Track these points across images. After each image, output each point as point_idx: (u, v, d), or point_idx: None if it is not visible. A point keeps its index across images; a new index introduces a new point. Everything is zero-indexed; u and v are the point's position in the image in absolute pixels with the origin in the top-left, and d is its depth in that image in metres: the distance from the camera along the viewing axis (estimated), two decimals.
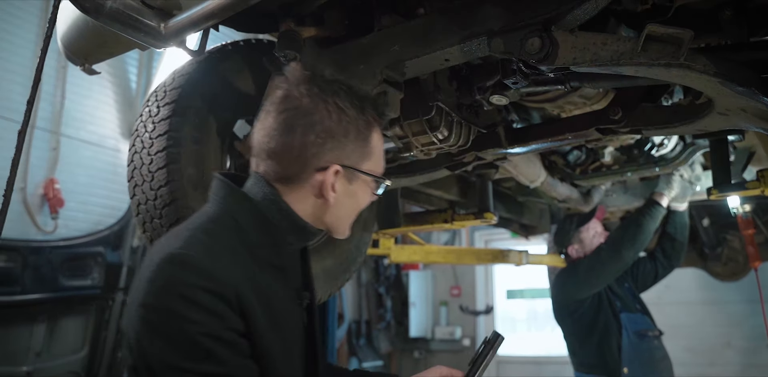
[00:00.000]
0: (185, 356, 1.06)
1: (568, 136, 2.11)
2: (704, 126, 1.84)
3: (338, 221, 1.34)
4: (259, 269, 1.22)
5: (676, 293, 6.74)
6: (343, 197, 1.29)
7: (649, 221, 3.19)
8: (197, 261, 1.13)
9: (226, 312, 1.11)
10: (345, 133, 1.25)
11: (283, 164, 1.25)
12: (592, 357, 3.28)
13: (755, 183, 2.35)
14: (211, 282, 1.11)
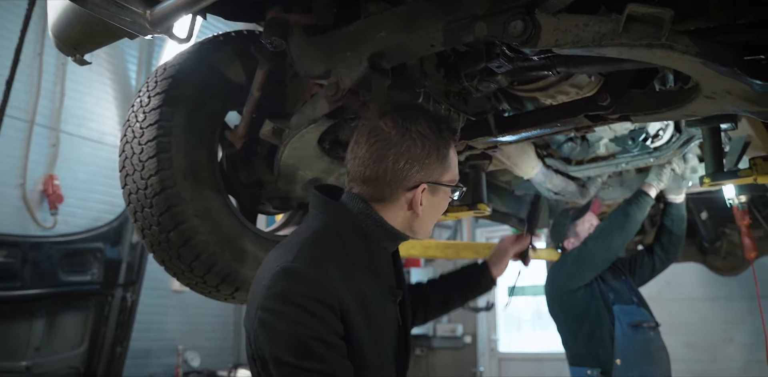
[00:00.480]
0: (293, 353, 1.26)
1: (557, 123, 2.10)
2: (692, 111, 1.83)
3: (424, 227, 1.55)
4: (358, 273, 1.43)
5: (677, 289, 6.72)
6: (428, 207, 1.51)
7: (636, 210, 3.17)
8: (307, 274, 1.34)
9: (331, 318, 1.31)
10: (428, 155, 1.46)
11: (379, 187, 1.46)
12: (584, 349, 3.26)
13: (747, 171, 2.34)
14: (319, 293, 1.31)
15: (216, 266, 2.24)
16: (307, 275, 1.34)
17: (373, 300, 1.45)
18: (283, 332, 1.30)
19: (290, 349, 1.28)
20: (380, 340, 1.46)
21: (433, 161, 1.48)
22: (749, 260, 3.12)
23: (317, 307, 1.31)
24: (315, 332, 1.29)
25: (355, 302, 1.38)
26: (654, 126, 2.90)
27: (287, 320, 1.30)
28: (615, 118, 2.04)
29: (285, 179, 2.29)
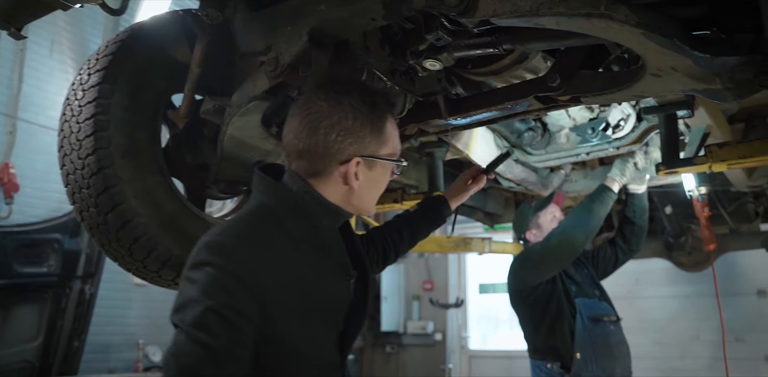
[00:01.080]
0: (189, 319, 1.23)
1: (507, 105, 2.05)
2: (641, 91, 1.78)
3: (364, 203, 1.53)
4: (298, 250, 1.42)
5: (646, 287, 6.74)
6: (366, 182, 1.48)
7: (599, 206, 3.13)
8: (226, 248, 1.32)
9: (240, 293, 1.27)
10: (361, 128, 1.44)
11: (312, 161, 1.44)
12: (545, 342, 3.21)
13: (703, 159, 2.31)
14: (235, 267, 1.29)
15: (156, 250, 2.17)
16: (225, 248, 1.32)
17: (317, 277, 1.44)
18: (188, 297, 1.28)
19: (188, 314, 1.25)
20: (322, 317, 1.44)
21: (366, 134, 1.45)
22: (708, 251, 3.08)
23: (228, 281, 1.27)
24: (217, 304, 1.24)
25: (285, 280, 1.36)
26: (615, 116, 2.86)
27: (196, 287, 1.27)
28: (566, 100, 1.99)
29: (229, 162, 2.22)
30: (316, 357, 1.42)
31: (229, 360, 1.25)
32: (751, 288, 6.54)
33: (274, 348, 1.34)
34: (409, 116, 2.23)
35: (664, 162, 2.36)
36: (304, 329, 1.38)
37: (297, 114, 1.47)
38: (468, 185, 2.23)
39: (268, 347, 1.33)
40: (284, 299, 1.34)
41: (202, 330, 1.22)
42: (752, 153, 2.22)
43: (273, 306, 1.32)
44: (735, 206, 4.57)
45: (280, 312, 1.34)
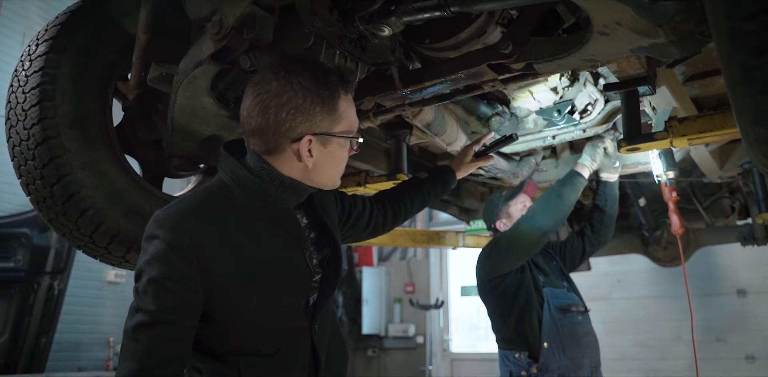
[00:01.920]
0: (137, 288, 1.41)
1: (461, 74, 2.01)
2: (592, 54, 1.76)
3: (323, 178, 1.58)
4: (247, 224, 1.50)
5: (627, 287, 6.70)
6: (321, 159, 1.53)
7: (569, 191, 3.09)
8: (167, 221, 1.43)
9: (183, 266, 1.39)
10: (311, 107, 1.47)
11: (264, 139, 1.49)
12: (513, 331, 3.16)
13: (663, 134, 2.27)
14: (175, 239, 1.40)
15: (104, 225, 2.12)
16: (170, 221, 1.43)
17: (266, 249, 1.52)
18: (138, 267, 1.43)
19: (138, 283, 1.41)
20: (276, 285, 1.52)
21: (317, 112, 1.48)
22: (676, 235, 3.05)
23: (171, 253, 1.40)
24: (158, 275, 1.38)
25: (229, 251, 1.46)
26: (582, 101, 2.83)
27: (144, 258, 1.42)
28: (519, 68, 1.96)
29: (181, 134, 2.16)
30: (277, 322, 1.52)
31: (164, 325, 1.37)
32: (731, 287, 6.51)
33: (231, 315, 1.47)
34: (364, 89, 2.20)
35: (625, 138, 2.32)
36: (258, 296, 1.48)
37: (250, 93, 1.51)
38: (470, 160, 2.36)
39: (225, 314, 1.46)
40: (227, 270, 1.44)
41: (143, 297, 1.38)
42: (712, 127, 2.19)
43: (218, 276, 1.43)
44: (711, 202, 4.55)
45: (228, 281, 1.45)
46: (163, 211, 1.47)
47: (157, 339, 1.36)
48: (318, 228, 1.69)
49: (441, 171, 2.34)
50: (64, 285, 4.82)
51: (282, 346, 1.52)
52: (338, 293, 8.12)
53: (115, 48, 2.19)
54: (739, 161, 3.64)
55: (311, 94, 1.47)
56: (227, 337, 1.49)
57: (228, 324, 1.48)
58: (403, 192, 2.21)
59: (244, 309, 1.47)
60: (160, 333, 1.37)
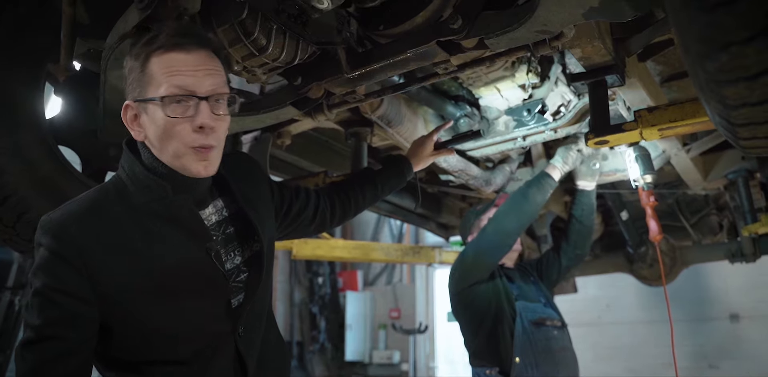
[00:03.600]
0: (25, 302, 1.22)
1: (410, 54, 1.88)
2: (544, 23, 1.63)
3: (164, 155, 1.37)
4: (140, 224, 1.35)
5: (617, 312, 6.51)
6: (150, 129, 1.36)
7: (536, 192, 2.93)
8: (56, 227, 1.29)
9: (69, 276, 1.26)
10: (130, 72, 1.37)
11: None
12: (484, 346, 2.99)
13: (632, 124, 2.13)
14: (55, 243, 1.27)
15: (28, 214, 1.97)
16: (55, 228, 1.30)
17: (163, 251, 1.37)
18: (29, 278, 1.33)
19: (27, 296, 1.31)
20: (178, 289, 1.37)
21: (134, 79, 1.37)
22: (655, 242, 2.89)
23: (56, 262, 1.28)
24: (42, 286, 1.27)
25: (122, 256, 1.32)
26: (554, 101, 2.71)
27: (33, 268, 1.30)
28: (471, 46, 1.83)
29: (114, 120, 2.01)
30: (188, 328, 1.38)
31: (52, 341, 1.25)
32: (724, 311, 6.32)
33: (132, 324, 1.33)
34: (311, 74, 2.07)
35: (592, 130, 2.18)
36: (159, 303, 1.34)
37: None
38: (430, 152, 2.27)
39: (125, 324, 1.33)
40: (122, 276, 1.31)
41: (29, 311, 1.27)
42: (683, 116, 2.05)
43: (110, 284, 1.30)
44: (698, 219, 4.40)
45: (122, 289, 1.31)
46: (47, 215, 1.34)
47: (45, 357, 1.24)
48: (240, 222, 1.54)
49: (395, 161, 2.22)
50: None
51: (200, 352, 1.39)
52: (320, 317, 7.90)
53: (48, 30, 2.07)
54: (724, 170, 3.51)
55: (131, 57, 1.38)
56: (136, 347, 1.35)
57: (130, 334, 1.34)
58: (354, 184, 2.08)
59: (145, 317, 1.34)
60: (48, 349, 1.25)
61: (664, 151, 3.03)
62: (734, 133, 1.11)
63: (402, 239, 8.21)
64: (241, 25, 1.75)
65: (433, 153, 2.29)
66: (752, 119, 1.01)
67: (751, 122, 1.02)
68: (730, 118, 1.04)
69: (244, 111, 2.20)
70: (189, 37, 1.39)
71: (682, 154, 3.06)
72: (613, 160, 3.21)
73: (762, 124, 1.02)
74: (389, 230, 8.54)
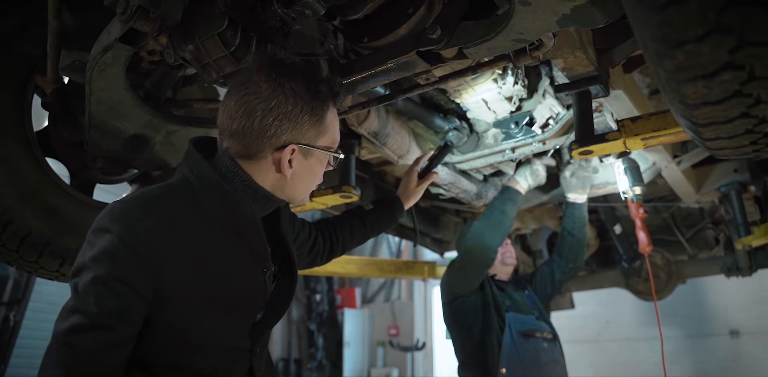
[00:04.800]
0: (79, 285, 1.24)
1: (391, 65, 1.89)
2: (520, 31, 1.64)
3: (297, 192, 1.50)
4: (208, 233, 1.37)
5: (616, 329, 6.46)
6: (300, 171, 1.45)
7: (510, 207, 3.01)
8: (129, 217, 1.29)
9: (135, 268, 1.25)
10: (300, 115, 1.39)
11: (245, 143, 1.39)
12: (472, 356, 2.99)
13: (616, 134, 2.14)
14: (128, 236, 1.26)
15: (13, 224, 1.98)
16: (128, 217, 1.30)
17: (223, 264, 1.39)
18: (82, 262, 1.27)
19: (80, 279, 1.25)
20: (225, 305, 1.40)
21: (305, 122, 1.41)
22: (643, 254, 2.88)
23: (124, 251, 1.26)
24: (105, 274, 1.23)
25: (186, 260, 1.33)
26: (542, 114, 2.72)
27: (92, 253, 1.26)
28: (451, 56, 1.85)
29: (100, 132, 2.04)
30: (221, 341, 1.40)
31: (105, 331, 1.22)
32: (723, 328, 6.26)
33: (176, 327, 1.33)
34: None
35: (577, 141, 2.19)
36: (209, 313, 1.36)
37: (234, 93, 1.42)
38: (416, 184, 2.28)
39: (169, 326, 1.32)
40: (182, 280, 1.31)
41: (84, 297, 1.22)
42: (666, 125, 2.06)
43: (169, 284, 1.29)
44: (693, 233, 4.39)
45: (176, 292, 1.31)
46: (120, 203, 1.34)
47: (95, 346, 1.21)
48: (274, 243, 1.58)
49: (387, 203, 2.24)
50: (20, 316, 4.62)
51: (219, 367, 1.40)
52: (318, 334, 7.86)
53: (36, 41, 2.08)
54: (716, 183, 3.51)
55: (302, 101, 1.40)
56: (164, 350, 1.34)
57: (169, 337, 1.34)
58: (344, 223, 2.10)
59: (191, 323, 1.34)
60: (99, 338, 1.21)
61: (654, 163, 3.04)
62: (699, 134, 1.11)
63: (401, 255, 8.20)
64: (221, 36, 1.77)
65: (419, 183, 2.31)
66: (714, 118, 1.02)
67: (713, 121, 1.02)
68: (693, 118, 1.04)
69: None
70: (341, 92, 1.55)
71: (673, 166, 3.05)
72: (604, 173, 3.22)
73: (724, 123, 1.02)
74: (387, 247, 8.55)
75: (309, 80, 1.43)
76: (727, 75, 0.90)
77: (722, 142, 1.11)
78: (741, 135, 1.06)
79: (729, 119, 1.01)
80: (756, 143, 1.10)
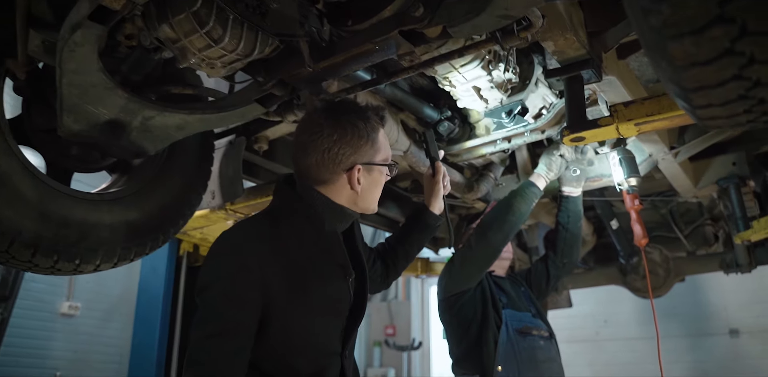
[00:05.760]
0: (204, 301, 1.53)
1: (373, 46, 1.82)
2: (505, 7, 1.57)
3: (367, 202, 1.77)
4: (303, 248, 1.64)
5: (614, 328, 6.38)
6: (367, 185, 1.73)
7: (520, 202, 2.88)
8: (238, 240, 1.59)
9: (247, 281, 1.52)
10: (358, 140, 1.68)
11: (320, 172, 1.68)
12: (467, 354, 2.90)
13: (608, 119, 2.07)
14: (243, 257, 1.54)
15: None
16: (237, 240, 1.59)
17: (319, 274, 1.64)
18: (204, 282, 1.55)
19: (204, 296, 1.53)
20: (323, 309, 1.64)
21: (363, 145, 1.69)
22: (639, 247, 2.81)
23: (237, 269, 1.53)
24: (225, 289, 1.52)
25: (288, 270, 1.58)
26: (534, 103, 2.65)
27: (211, 274, 1.56)
28: (435, 35, 1.78)
29: (73, 116, 1.97)
30: (318, 345, 1.62)
31: (228, 336, 1.48)
32: (723, 327, 6.17)
33: (277, 332, 1.55)
34: (274, 69, 2.02)
35: (568, 127, 2.11)
36: (306, 318, 1.59)
37: (302, 133, 1.71)
38: (434, 184, 2.30)
39: (273, 331, 1.55)
40: (284, 290, 1.55)
41: (209, 309, 1.51)
42: (660, 109, 1.99)
43: (274, 294, 1.53)
44: (692, 229, 4.31)
45: (280, 301, 1.54)
46: (230, 230, 1.65)
47: (224, 349, 1.47)
48: (352, 258, 1.78)
49: (415, 214, 2.29)
50: (8, 313, 4.52)
51: (319, 369, 1.61)
52: None
53: (6, 22, 2.01)
54: (714, 177, 3.43)
55: (358, 129, 1.67)
56: (273, 353, 1.57)
57: (277, 341, 1.56)
58: (387, 247, 2.21)
59: (294, 328, 1.58)
60: (227, 343, 1.48)
61: (650, 155, 2.96)
62: (689, 101, 1.03)
63: None
64: (195, 15, 1.71)
65: (435, 181, 2.29)
66: (704, 81, 0.93)
67: (703, 85, 0.94)
68: (681, 82, 0.96)
69: (209, 109, 2.13)
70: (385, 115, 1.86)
71: (670, 158, 2.98)
72: (599, 165, 3.14)
73: (715, 87, 0.94)
74: None
75: (359, 111, 1.71)
76: (716, 30, 0.83)
77: (714, 110, 1.03)
78: (734, 101, 0.98)
79: (720, 82, 0.93)
80: (750, 111, 1.02)
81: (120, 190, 2.32)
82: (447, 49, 2.02)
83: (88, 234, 2.12)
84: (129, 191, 2.31)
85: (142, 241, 2.28)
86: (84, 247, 2.10)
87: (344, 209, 1.73)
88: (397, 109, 2.75)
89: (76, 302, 5.82)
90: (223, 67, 1.89)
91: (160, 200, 2.36)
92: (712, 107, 1.02)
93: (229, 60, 1.85)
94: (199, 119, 2.14)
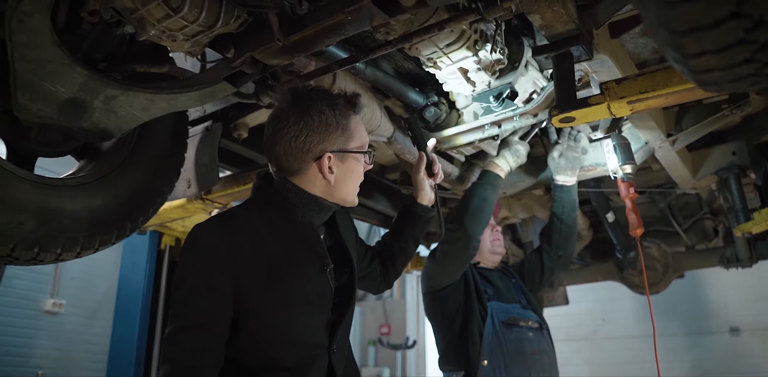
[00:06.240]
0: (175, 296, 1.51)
1: (346, 16, 1.71)
2: None
3: (344, 193, 1.72)
4: (278, 239, 1.62)
5: (613, 327, 6.27)
6: (342, 175, 1.69)
7: (491, 192, 2.83)
8: (206, 233, 1.57)
9: (216, 274, 1.50)
10: (327, 128, 1.64)
11: (289, 162, 1.65)
12: (452, 348, 2.80)
13: (599, 97, 1.95)
14: (211, 250, 1.53)
15: None
16: (205, 234, 1.57)
17: (294, 264, 1.61)
18: (176, 277, 1.54)
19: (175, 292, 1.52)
20: (301, 301, 1.59)
21: (332, 132, 1.64)
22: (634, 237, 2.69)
23: (205, 262, 1.52)
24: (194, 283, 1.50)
25: (260, 261, 1.56)
26: (524, 88, 2.53)
27: (181, 269, 1.53)
28: (410, 4, 1.66)
29: (29, 94, 1.85)
30: (299, 338, 1.57)
31: (200, 329, 1.47)
32: (723, 325, 6.05)
33: (254, 325, 1.53)
34: (243, 45, 1.90)
35: (557, 106, 1.99)
36: (283, 310, 1.56)
37: (270, 125, 1.67)
38: (415, 173, 2.20)
39: (249, 324, 1.53)
40: (257, 281, 1.54)
41: (181, 303, 1.49)
42: (654, 86, 1.87)
43: (247, 285, 1.52)
44: (691, 223, 4.19)
45: (254, 292, 1.53)
46: (202, 223, 1.60)
47: (195, 343, 1.46)
48: (337, 250, 1.76)
49: (404, 208, 2.21)
50: None
51: (301, 363, 1.57)
52: None
53: None
54: (714, 167, 3.30)
55: (325, 116, 1.63)
56: (250, 347, 1.54)
57: (254, 334, 1.54)
58: (383, 246, 2.16)
59: (271, 319, 1.54)
60: (198, 336, 1.46)
61: (647, 142, 2.84)
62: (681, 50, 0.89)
63: None
64: None
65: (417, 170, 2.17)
66: (696, 21, 0.80)
67: (696, 26, 0.80)
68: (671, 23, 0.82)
69: (176, 89, 2.01)
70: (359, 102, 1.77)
71: (667, 146, 2.86)
72: (593, 154, 3.03)
73: (709, 29, 0.80)
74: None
75: (328, 99, 1.66)
76: None
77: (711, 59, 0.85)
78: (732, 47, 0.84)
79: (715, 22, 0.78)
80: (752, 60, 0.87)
81: (84, 175, 2.21)
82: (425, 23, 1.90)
83: (47, 221, 2.00)
84: (94, 176, 2.19)
85: (107, 229, 2.16)
86: (43, 234, 1.98)
87: (319, 199, 1.68)
88: (383, 95, 2.64)
89: (60, 299, 5.70)
90: (186, 41, 1.78)
91: (128, 187, 2.24)
92: (709, 55, 0.87)
93: (191, 32, 1.73)
94: (166, 98, 2.02)
